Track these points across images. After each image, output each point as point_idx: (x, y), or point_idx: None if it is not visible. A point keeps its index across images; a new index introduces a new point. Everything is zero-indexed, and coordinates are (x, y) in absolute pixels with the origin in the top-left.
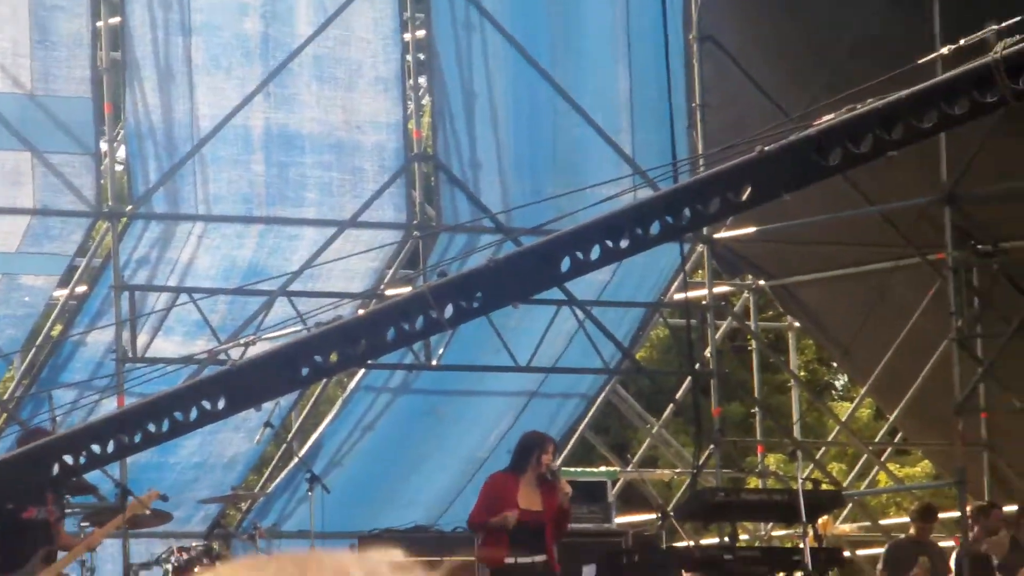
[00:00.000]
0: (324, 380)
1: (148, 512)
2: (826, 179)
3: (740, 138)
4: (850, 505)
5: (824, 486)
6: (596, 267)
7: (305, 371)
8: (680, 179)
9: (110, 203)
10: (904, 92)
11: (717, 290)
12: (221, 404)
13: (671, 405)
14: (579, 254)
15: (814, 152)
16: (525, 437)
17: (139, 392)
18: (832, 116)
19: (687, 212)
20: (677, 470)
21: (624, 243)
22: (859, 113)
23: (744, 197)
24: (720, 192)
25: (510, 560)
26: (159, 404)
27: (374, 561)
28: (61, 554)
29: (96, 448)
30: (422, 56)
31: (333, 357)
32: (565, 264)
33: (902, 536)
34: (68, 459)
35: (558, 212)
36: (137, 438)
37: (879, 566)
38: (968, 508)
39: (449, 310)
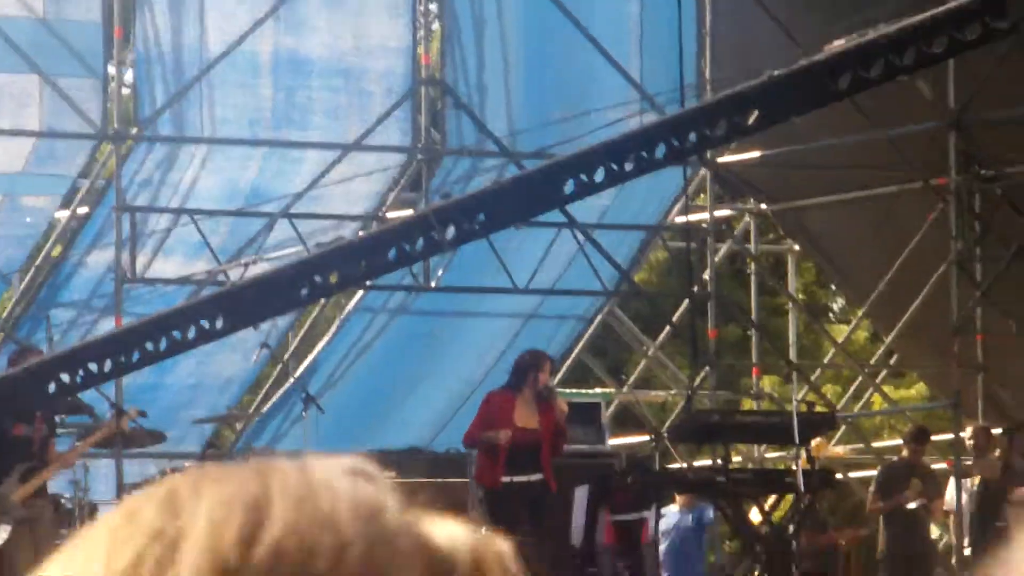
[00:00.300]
0: (322, 301)
1: (125, 430)
2: (833, 103)
3: (749, 65)
4: (843, 427)
5: (818, 408)
6: (600, 189)
7: (305, 291)
8: (688, 105)
9: (115, 126)
10: (915, 17)
11: (718, 213)
12: (220, 323)
13: (668, 327)
14: (583, 176)
15: (824, 77)
16: (521, 356)
17: (138, 313)
18: (843, 41)
19: (693, 135)
20: (672, 391)
21: (629, 165)
22: (870, 38)
23: (751, 121)
24: (727, 115)
25: (506, 479)
26: (157, 323)
27: (342, 475)
28: None
29: (93, 367)
30: None
31: (333, 277)
32: (569, 186)
33: (895, 459)
34: (65, 377)
35: (563, 137)
36: (135, 357)
37: (872, 488)
38: (970, 429)
39: (451, 231)
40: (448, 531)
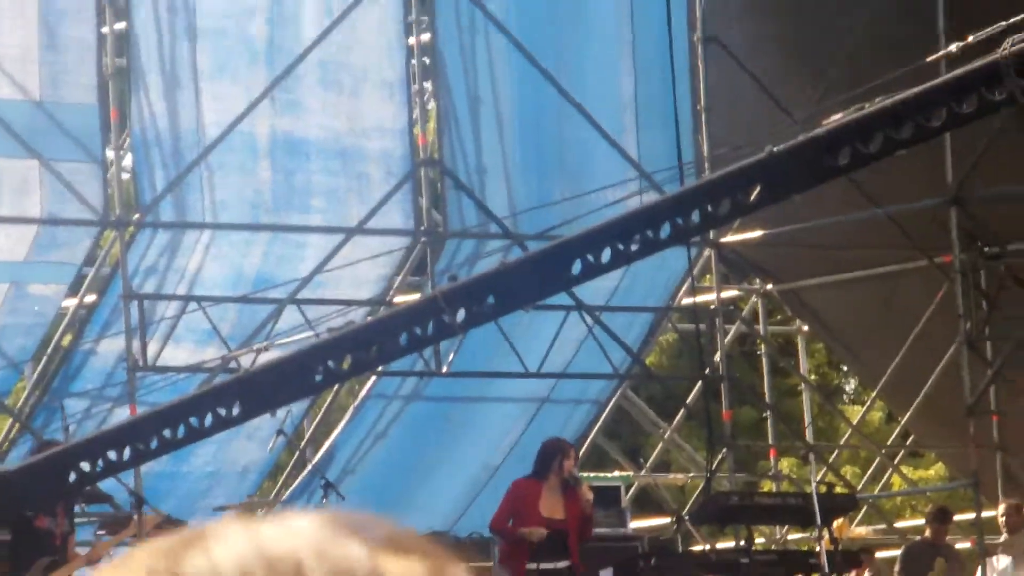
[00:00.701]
0: (336, 387)
1: (148, 528)
2: (834, 180)
3: (745, 141)
4: (865, 508)
5: (838, 489)
6: (607, 270)
7: (319, 376)
8: (687, 183)
9: (117, 211)
10: (912, 90)
11: (725, 294)
12: (236, 410)
13: (682, 410)
14: (590, 256)
15: (823, 152)
16: (546, 444)
17: (151, 401)
18: (840, 115)
19: (696, 214)
20: (691, 474)
21: (634, 246)
22: (868, 112)
23: (753, 198)
24: (729, 193)
25: (532, 566)
26: (174, 410)
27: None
28: None
29: (112, 455)
30: (427, 60)
31: (346, 362)
32: (576, 267)
33: (918, 538)
34: (85, 466)
35: (565, 217)
36: (153, 444)
37: (896, 568)
38: (1003, 507)
39: (461, 314)
40: None
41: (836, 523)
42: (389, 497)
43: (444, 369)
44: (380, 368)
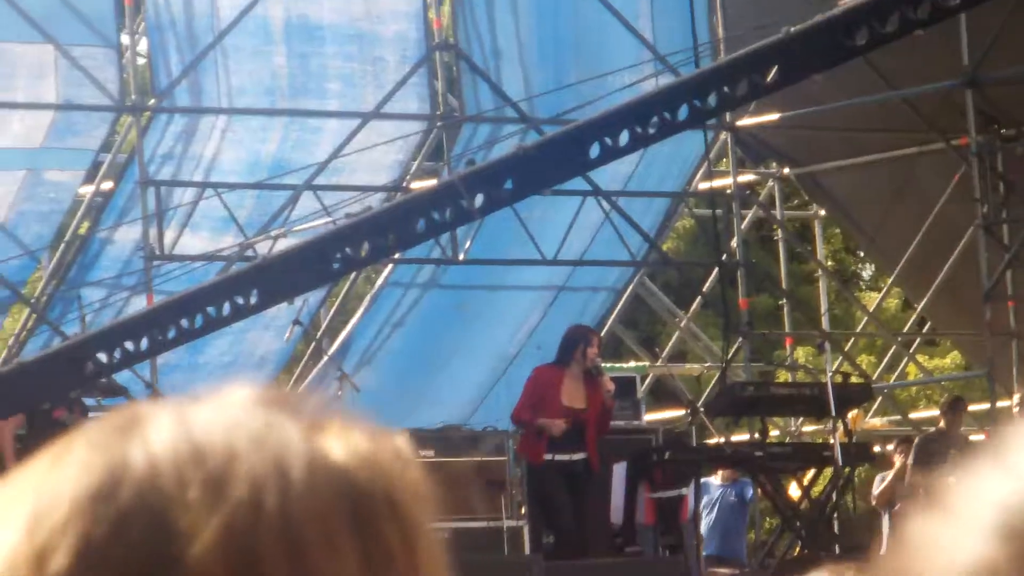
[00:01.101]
0: (352, 276)
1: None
2: (851, 61)
3: (760, 22)
4: (880, 399)
5: (853, 379)
6: (625, 153)
7: (336, 264)
8: (702, 65)
9: (133, 97)
10: None
11: (742, 179)
12: (254, 299)
13: (699, 297)
14: (608, 139)
15: (840, 32)
16: (570, 330)
17: (168, 290)
18: None
19: (714, 95)
20: (706, 364)
21: (652, 128)
22: None
23: (770, 79)
24: (747, 74)
25: (548, 456)
26: (192, 300)
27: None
28: None
29: (130, 345)
30: None
31: (364, 249)
32: (594, 150)
33: (931, 429)
34: (102, 356)
35: (580, 101)
36: (171, 334)
37: (909, 460)
38: (1019, 395)
39: (479, 199)
40: (353, 452)
41: (851, 414)
42: (404, 390)
43: (461, 257)
44: (397, 256)
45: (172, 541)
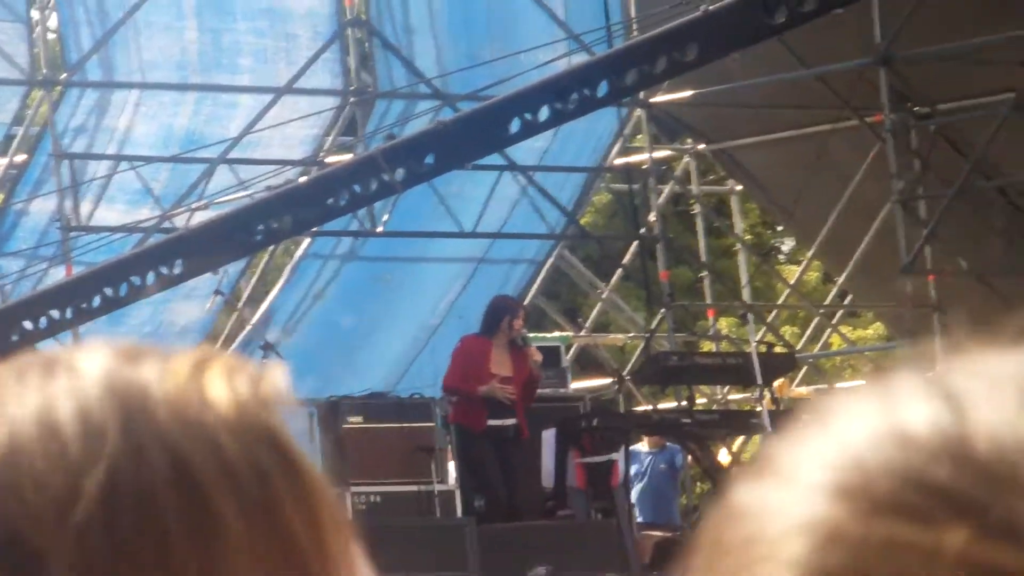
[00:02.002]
0: (271, 248)
1: None
2: (770, 38)
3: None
4: (805, 368)
5: (777, 349)
6: (545, 128)
7: (259, 235)
8: (615, 44)
9: (44, 71)
10: None
11: (657, 155)
12: (178, 268)
13: (619, 270)
14: (528, 115)
15: (759, 10)
16: (495, 301)
17: (86, 261)
18: None
19: (634, 72)
20: (630, 335)
21: (572, 104)
22: None
23: (690, 56)
24: (667, 52)
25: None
26: (116, 269)
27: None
28: None
29: (55, 313)
30: None
31: (287, 221)
32: (515, 125)
33: None
34: (28, 325)
35: (494, 78)
36: (95, 303)
37: None
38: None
39: (400, 172)
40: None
41: (776, 383)
42: (329, 359)
43: (379, 229)
44: (322, 225)
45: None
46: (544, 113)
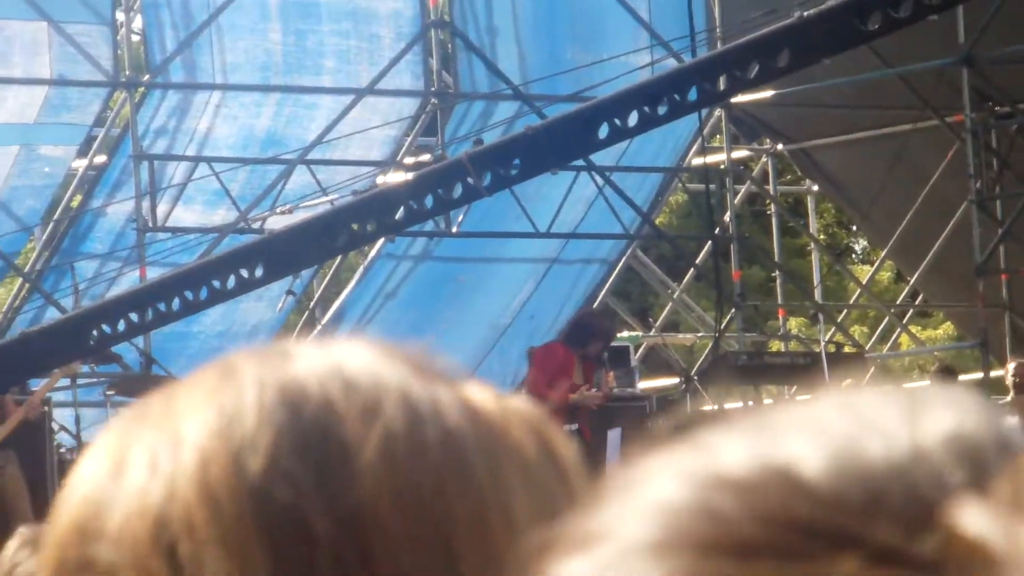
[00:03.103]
0: None
1: (80, 371)
2: (864, 44)
3: (760, 4)
4: (873, 368)
5: (846, 349)
6: (633, 134)
7: (342, 239)
8: (699, 49)
9: (127, 73)
10: None
11: (735, 155)
12: (259, 272)
13: (691, 270)
14: (617, 120)
15: (854, 16)
16: (592, 319)
17: (161, 263)
18: None
19: (725, 77)
20: (699, 334)
21: (662, 109)
22: None
23: (782, 62)
24: (759, 57)
25: None
26: (197, 273)
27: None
28: None
29: (135, 316)
30: None
31: (371, 225)
32: (603, 130)
33: None
34: (106, 327)
35: (576, 79)
36: (175, 306)
37: None
38: (1012, 366)
39: (487, 177)
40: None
41: (845, 383)
42: None
43: (454, 229)
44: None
45: (343, 454)
46: (633, 118)
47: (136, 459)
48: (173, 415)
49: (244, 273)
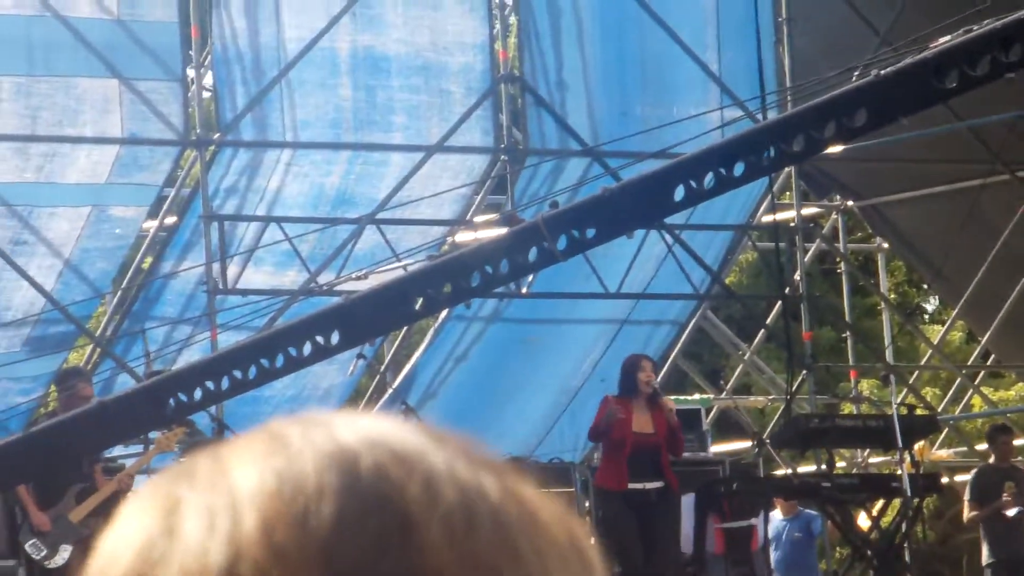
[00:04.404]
0: None
1: (175, 449)
2: (941, 103)
3: (826, 56)
4: (946, 430)
5: (918, 411)
6: (709, 196)
7: (419, 304)
8: (768, 98)
9: (198, 131)
10: (1020, 13)
11: (805, 211)
12: (335, 339)
13: (762, 330)
14: (693, 182)
15: (931, 75)
16: (625, 361)
17: (231, 325)
18: (949, 38)
19: (801, 138)
20: (771, 397)
21: (738, 170)
22: (975, 35)
23: (859, 123)
24: (835, 117)
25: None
26: (272, 340)
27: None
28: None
29: (210, 384)
30: None
31: (447, 289)
32: (679, 193)
33: (985, 464)
34: (183, 396)
35: (648, 135)
36: (252, 374)
37: (967, 496)
38: None
39: (562, 241)
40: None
41: (917, 446)
42: (469, 421)
43: (524, 290)
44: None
45: (405, 524)
46: (709, 180)
47: (190, 518)
48: (224, 476)
49: (320, 340)
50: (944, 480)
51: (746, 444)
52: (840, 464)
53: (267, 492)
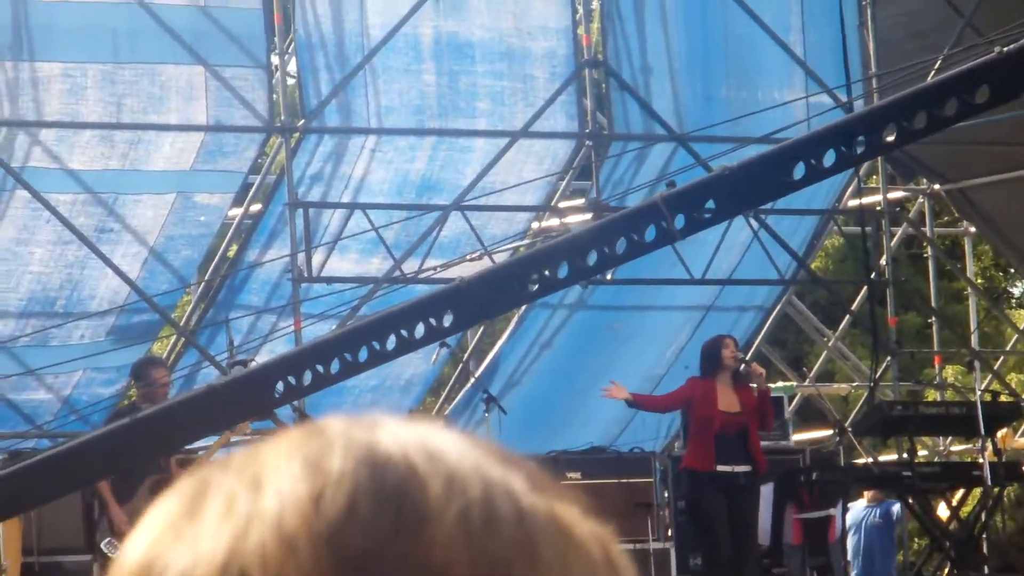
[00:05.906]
0: None
1: (248, 432)
2: None
3: (911, 38)
4: None
5: (1003, 398)
6: (829, 174)
7: (534, 286)
8: (853, 81)
9: (282, 117)
10: None
11: (892, 195)
12: (448, 321)
13: (847, 316)
14: (813, 160)
15: None
16: (705, 343)
17: (316, 314)
18: None
19: (924, 115)
20: (854, 384)
21: (859, 148)
22: None
23: (980, 99)
24: (956, 94)
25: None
26: (384, 322)
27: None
28: None
29: (320, 368)
30: None
31: (562, 271)
32: (799, 171)
33: None
34: (292, 379)
35: (730, 117)
36: (362, 356)
37: None
38: None
39: (680, 220)
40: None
41: (1000, 433)
42: (551, 410)
43: (609, 276)
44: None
45: (421, 516)
46: (830, 158)
47: (214, 500)
48: (256, 463)
49: (432, 322)
50: None
51: (827, 432)
52: (922, 452)
53: (290, 477)
